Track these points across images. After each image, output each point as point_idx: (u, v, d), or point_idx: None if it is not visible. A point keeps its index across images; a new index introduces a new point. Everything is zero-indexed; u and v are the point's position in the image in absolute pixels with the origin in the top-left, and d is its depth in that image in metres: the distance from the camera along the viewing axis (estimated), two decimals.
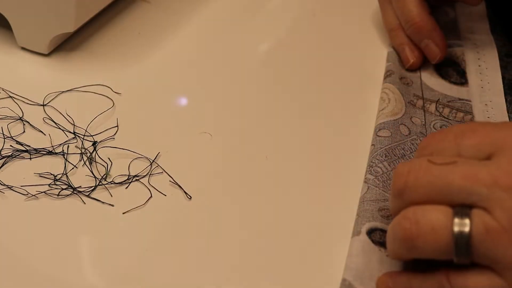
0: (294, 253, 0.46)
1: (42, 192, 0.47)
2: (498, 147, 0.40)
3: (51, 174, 0.49)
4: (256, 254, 0.46)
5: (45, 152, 0.50)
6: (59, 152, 0.50)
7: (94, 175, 0.49)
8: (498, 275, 0.39)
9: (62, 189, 0.48)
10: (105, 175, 0.49)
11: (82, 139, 0.51)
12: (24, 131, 0.52)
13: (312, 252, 0.46)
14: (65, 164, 0.50)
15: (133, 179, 0.49)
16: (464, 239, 0.38)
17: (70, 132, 0.52)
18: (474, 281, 0.39)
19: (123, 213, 0.47)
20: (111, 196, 0.48)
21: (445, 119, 0.56)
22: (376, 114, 0.56)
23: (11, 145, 0.50)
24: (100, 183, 0.48)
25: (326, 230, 0.48)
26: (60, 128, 0.52)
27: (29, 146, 0.50)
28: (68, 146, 0.51)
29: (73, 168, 0.49)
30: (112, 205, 0.47)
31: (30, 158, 0.50)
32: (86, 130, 0.52)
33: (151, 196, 0.48)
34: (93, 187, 0.48)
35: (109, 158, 0.50)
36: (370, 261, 0.44)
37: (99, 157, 0.50)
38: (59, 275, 0.43)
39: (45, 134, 0.52)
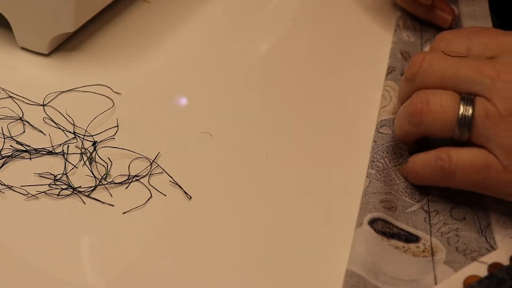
0: (296, 251, 0.46)
1: (42, 192, 0.47)
2: (503, 49, 0.47)
3: (51, 174, 0.49)
4: (256, 254, 0.46)
5: (45, 152, 0.50)
6: (59, 152, 0.50)
7: (94, 175, 0.49)
8: (489, 151, 0.45)
9: (62, 189, 0.48)
10: (105, 175, 0.49)
11: (82, 139, 0.51)
12: (24, 131, 0.52)
13: (314, 250, 0.46)
14: (65, 164, 0.50)
15: (133, 179, 0.49)
16: (468, 118, 0.45)
17: (70, 132, 0.52)
18: (468, 152, 0.46)
19: (123, 213, 0.47)
20: (111, 196, 0.48)
21: None
22: (377, 112, 0.56)
23: (11, 145, 0.50)
24: (100, 183, 0.48)
25: (329, 227, 0.48)
26: (60, 128, 0.52)
27: (29, 146, 0.50)
28: (68, 146, 0.51)
29: (73, 168, 0.49)
30: (112, 205, 0.47)
31: (30, 158, 0.50)
32: (86, 130, 0.52)
33: (151, 196, 0.48)
34: (93, 187, 0.48)
35: (109, 158, 0.50)
36: (373, 250, 0.45)
37: (99, 157, 0.50)
38: (59, 274, 0.43)
39: (45, 134, 0.52)
